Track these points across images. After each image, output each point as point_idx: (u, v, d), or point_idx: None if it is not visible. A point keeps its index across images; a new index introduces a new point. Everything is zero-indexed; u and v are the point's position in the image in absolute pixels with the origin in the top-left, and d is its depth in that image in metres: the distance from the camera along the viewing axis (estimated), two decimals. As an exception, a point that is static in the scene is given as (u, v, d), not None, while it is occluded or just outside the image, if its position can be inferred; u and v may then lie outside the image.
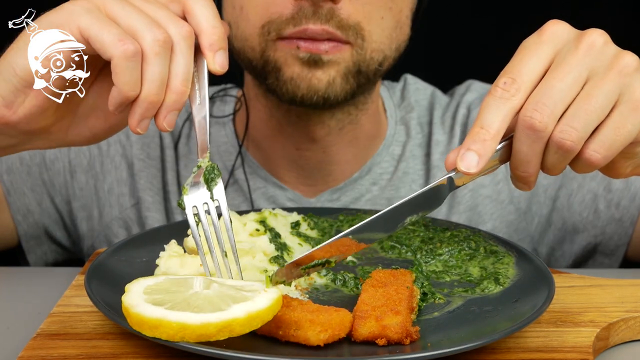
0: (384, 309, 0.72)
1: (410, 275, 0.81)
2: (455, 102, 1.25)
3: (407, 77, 1.29)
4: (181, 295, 0.70)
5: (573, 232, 1.19)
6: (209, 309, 0.68)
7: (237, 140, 1.20)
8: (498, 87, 0.76)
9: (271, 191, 1.17)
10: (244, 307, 0.68)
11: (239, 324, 0.67)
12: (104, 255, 0.86)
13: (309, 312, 0.70)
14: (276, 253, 0.87)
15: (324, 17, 0.97)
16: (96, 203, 1.19)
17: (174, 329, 0.66)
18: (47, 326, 0.76)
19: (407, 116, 1.24)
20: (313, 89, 1.00)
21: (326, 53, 0.98)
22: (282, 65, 1.01)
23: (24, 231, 1.19)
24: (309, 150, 1.14)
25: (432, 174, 1.19)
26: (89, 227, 1.20)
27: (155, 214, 1.17)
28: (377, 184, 1.19)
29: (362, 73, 1.02)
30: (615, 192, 1.16)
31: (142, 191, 1.18)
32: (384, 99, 1.25)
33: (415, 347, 0.69)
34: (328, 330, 0.68)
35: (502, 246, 0.92)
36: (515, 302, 0.79)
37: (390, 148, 1.21)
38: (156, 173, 1.19)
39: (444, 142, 1.22)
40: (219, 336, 0.66)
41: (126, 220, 1.18)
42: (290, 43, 0.99)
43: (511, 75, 0.76)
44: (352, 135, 1.15)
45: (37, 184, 1.19)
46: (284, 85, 1.01)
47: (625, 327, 0.80)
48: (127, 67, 0.74)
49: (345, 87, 1.02)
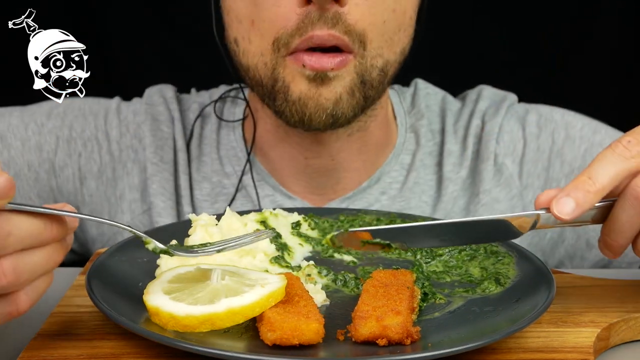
0: (384, 309, 0.72)
1: (411, 275, 0.81)
2: (468, 110, 1.23)
3: (417, 82, 1.27)
4: (192, 286, 0.73)
5: (586, 248, 1.18)
6: (203, 301, 0.71)
7: (245, 147, 1.19)
8: (620, 143, 0.75)
9: (279, 200, 1.16)
10: (228, 302, 0.70)
11: (219, 318, 0.70)
12: (105, 255, 0.86)
13: (283, 312, 0.71)
14: (277, 253, 0.87)
15: (330, 22, 0.96)
16: (107, 209, 1.19)
17: (165, 318, 0.70)
18: (48, 326, 0.76)
19: (417, 123, 1.21)
20: (321, 107, 0.99)
21: (332, 70, 0.98)
22: (289, 83, 1.00)
23: None
24: (317, 158, 1.13)
25: (444, 185, 1.17)
26: (99, 231, 1.19)
27: (166, 220, 1.16)
28: (387, 194, 1.17)
29: (366, 84, 1.01)
30: None
31: (154, 196, 1.16)
32: (393, 105, 1.23)
33: (416, 347, 0.70)
34: (277, 332, 0.68)
35: (503, 247, 0.92)
36: (515, 302, 0.79)
37: (400, 157, 1.19)
38: (169, 177, 1.18)
39: (456, 153, 1.19)
40: (201, 328, 0.70)
41: (137, 226, 1.17)
42: (296, 59, 0.98)
43: (637, 136, 0.75)
44: (361, 142, 1.14)
45: (45, 190, 1.18)
46: (292, 105, 1.00)
47: (625, 327, 0.80)
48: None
49: (351, 102, 1.01)
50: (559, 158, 1.18)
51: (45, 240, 0.67)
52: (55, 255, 0.69)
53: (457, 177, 1.17)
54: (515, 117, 1.21)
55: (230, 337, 0.71)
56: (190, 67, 1.69)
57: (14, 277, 0.65)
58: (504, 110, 1.20)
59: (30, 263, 0.67)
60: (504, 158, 1.18)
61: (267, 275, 0.76)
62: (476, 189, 1.16)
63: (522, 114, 1.21)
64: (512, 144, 1.19)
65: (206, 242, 0.81)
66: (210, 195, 1.17)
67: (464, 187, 1.17)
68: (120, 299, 0.76)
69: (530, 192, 1.18)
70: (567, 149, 1.19)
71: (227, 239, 0.80)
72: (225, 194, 1.17)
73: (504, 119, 1.20)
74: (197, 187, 1.18)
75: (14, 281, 0.65)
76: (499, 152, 1.18)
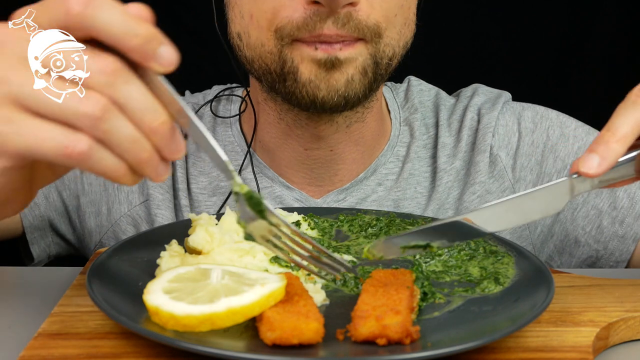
0: (384, 308, 0.72)
1: (410, 274, 0.81)
2: (462, 105, 1.25)
3: (410, 79, 1.30)
4: (192, 285, 0.73)
5: (574, 245, 1.19)
6: (203, 300, 0.70)
7: (244, 141, 1.20)
8: (633, 93, 0.75)
9: (278, 191, 1.17)
10: (228, 302, 0.70)
11: (219, 317, 0.69)
12: (105, 254, 0.86)
13: (283, 311, 0.71)
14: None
15: (341, 22, 0.96)
16: (105, 199, 1.19)
17: (165, 317, 0.70)
18: (48, 326, 0.76)
19: (411, 117, 1.24)
20: (333, 88, 1.00)
21: (340, 50, 0.98)
22: (299, 65, 1.00)
23: (29, 223, 1.19)
24: (316, 150, 1.14)
25: (439, 176, 1.19)
26: (96, 223, 1.20)
27: (164, 212, 1.17)
28: (383, 185, 1.19)
29: (378, 65, 1.03)
30: (621, 210, 1.15)
31: (152, 188, 1.18)
32: (387, 100, 1.25)
33: (416, 347, 0.70)
34: (276, 331, 0.68)
35: (502, 246, 0.93)
36: (515, 301, 0.79)
37: (395, 149, 1.21)
38: None
39: (450, 145, 1.21)
40: (201, 327, 0.69)
41: (135, 217, 1.18)
42: (307, 44, 0.99)
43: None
44: (358, 134, 1.15)
45: None
46: (303, 88, 1.01)
47: (625, 327, 0.80)
48: (93, 162, 0.66)
49: (364, 81, 1.02)
50: (552, 153, 1.20)
51: (142, 124, 0.65)
52: (140, 146, 0.65)
53: (451, 168, 1.19)
54: (511, 112, 1.23)
55: (230, 337, 0.71)
56: (189, 68, 1.69)
57: (100, 114, 0.64)
58: (500, 105, 1.23)
59: (122, 126, 0.64)
60: (499, 150, 1.20)
61: (267, 275, 0.76)
62: (471, 179, 1.18)
63: (519, 109, 1.24)
64: (507, 137, 1.21)
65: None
66: (207, 189, 1.18)
67: (457, 177, 1.19)
68: (120, 299, 0.76)
69: (522, 185, 1.20)
70: (561, 145, 1.20)
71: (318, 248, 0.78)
72: (224, 187, 1.17)
73: (500, 113, 1.22)
74: (193, 180, 1.19)
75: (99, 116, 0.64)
76: (494, 144, 1.20)
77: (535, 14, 1.74)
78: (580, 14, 1.71)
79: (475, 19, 1.75)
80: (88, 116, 0.64)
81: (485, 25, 1.74)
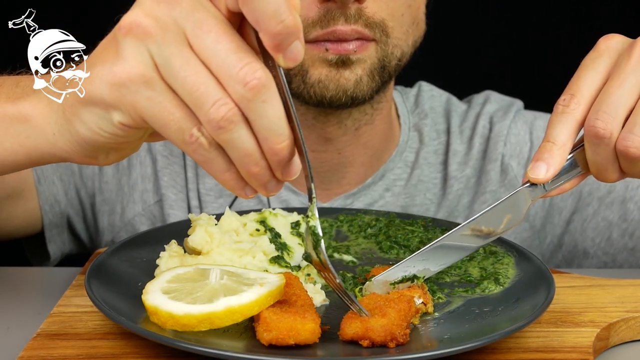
0: (375, 311, 0.72)
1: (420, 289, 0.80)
2: (474, 112, 1.24)
3: (421, 84, 1.29)
4: (191, 286, 0.73)
5: (583, 256, 1.19)
6: (202, 300, 0.71)
7: None
8: (559, 104, 0.80)
9: (284, 195, 1.16)
10: (226, 301, 0.70)
11: (218, 317, 0.69)
12: (105, 255, 0.86)
13: (280, 312, 0.71)
14: (276, 253, 0.87)
15: (352, 18, 0.98)
16: (120, 198, 1.19)
17: (164, 317, 0.70)
18: (47, 326, 0.76)
19: (420, 123, 1.23)
20: (342, 88, 1.01)
21: (354, 52, 0.99)
22: (309, 68, 1.00)
23: (49, 220, 1.18)
24: (324, 152, 1.14)
25: (449, 184, 1.18)
26: (110, 221, 1.20)
27: (177, 212, 1.17)
28: (391, 190, 1.18)
29: (385, 69, 1.03)
30: (631, 222, 1.15)
31: (165, 188, 1.18)
32: (397, 104, 1.24)
33: (416, 347, 0.69)
34: (273, 332, 0.68)
35: (502, 246, 0.92)
36: (515, 302, 0.79)
37: (404, 154, 1.20)
38: (179, 170, 1.19)
39: (461, 152, 1.20)
40: (200, 327, 0.69)
41: (149, 217, 1.18)
42: (318, 46, 0.99)
43: (570, 92, 0.80)
44: (367, 136, 1.15)
45: (67, 173, 1.18)
46: (311, 88, 1.01)
47: (625, 327, 0.80)
48: (213, 158, 0.66)
49: (371, 84, 1.02)
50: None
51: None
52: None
53: (462, 176, 1.19)
54: (523, 121, 1.23)
55: (229, 337, 0.71)
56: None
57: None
58: (512, 114, 1.22)
59: (242, 139, 0.64)
60: (510, 159, 1.19)
61: (265, 275, 0.76)
62: (482, 188, 1.18)
63: (531, 119, 1.23)
64: (518, 146, 1.20)
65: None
66: (213, 190, 1.18)
67: (468, 185, 1.19)
68: (120, 299, 0.76)
69: None
70: None
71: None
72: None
73: (512, 122, 1.22)
74: (200, 181, 1.19)
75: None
76: (505, 153, 1.19)
77: (546, 24, 1.73)
78: (595, 23, 1.71)
79: (486, 21, 1.75)
80: (211, 121, 0.63)
81: (494, 28, 1.74)
